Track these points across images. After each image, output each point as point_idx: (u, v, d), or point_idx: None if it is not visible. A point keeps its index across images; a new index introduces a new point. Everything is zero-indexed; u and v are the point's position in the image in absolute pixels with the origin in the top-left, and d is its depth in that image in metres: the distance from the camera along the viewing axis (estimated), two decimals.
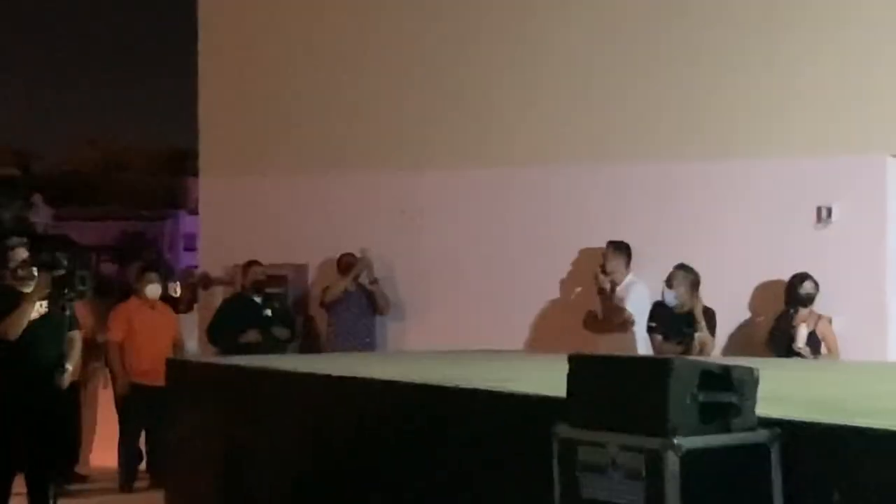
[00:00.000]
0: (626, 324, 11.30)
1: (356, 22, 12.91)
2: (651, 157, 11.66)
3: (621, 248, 11.45)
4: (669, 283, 10.85)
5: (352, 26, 12.94)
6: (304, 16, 13.11)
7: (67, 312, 9.12)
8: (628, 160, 11.73)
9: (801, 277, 10.76)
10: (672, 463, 4.75)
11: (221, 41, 13.33)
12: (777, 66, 11.40)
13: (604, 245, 11.47)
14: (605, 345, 11.01)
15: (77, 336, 9.84)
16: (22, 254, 9.59)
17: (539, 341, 11.83)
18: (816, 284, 10.74)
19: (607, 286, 11.40)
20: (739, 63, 11.50)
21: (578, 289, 11.83)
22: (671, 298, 10.84)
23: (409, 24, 12.72)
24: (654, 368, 5.14)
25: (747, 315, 11.36)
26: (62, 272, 9.19)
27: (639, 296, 11.36)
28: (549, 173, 12.00)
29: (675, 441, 4.75)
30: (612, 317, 11.36)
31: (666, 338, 10.82)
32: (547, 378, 6.61)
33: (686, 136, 11.63)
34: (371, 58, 12.77)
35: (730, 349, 11.11)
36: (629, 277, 11.45)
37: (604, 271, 11.42)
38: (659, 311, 10.95)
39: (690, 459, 4.77)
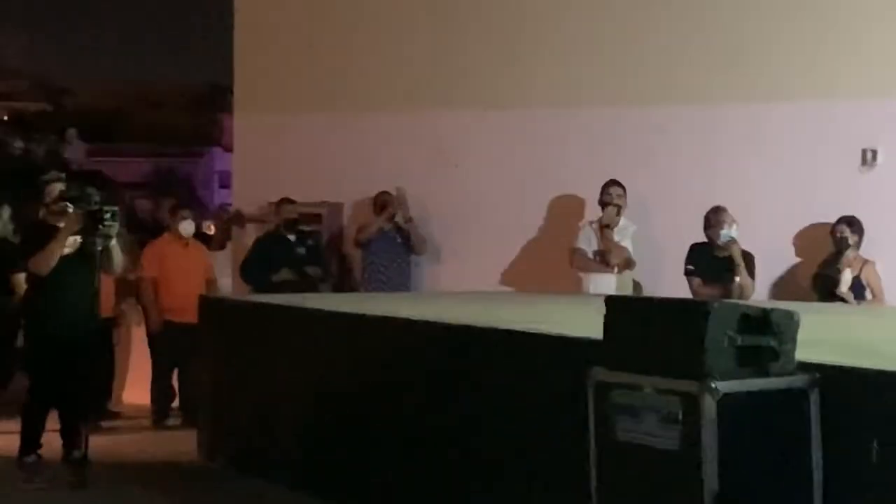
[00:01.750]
0: (629, 263, 11.29)
1: None
2: (693, 99, 11.57)
3: (623, 187, 11.38)
4: (722, 221, 10.74)
5: None
6: None
7: (99, 248, 9.13)
8: (669, 102, 11.64)
9: (839, 220, 10.68)
10: (709, 407, 4.75)
11: None
12: (822, 7, 11.30)
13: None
14: (606, 286, 11.02)
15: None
16: (57, 189, 9.61)
17: (568, 282, 11.80)
18: (857, 227, 10.64)
19: (614, 223, 11.36)
20: (784, 4, 11.41)
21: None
22: (730, 234, 10.71)
23: None
24: (692, 311, 5.12)
25: (791, 259, 11.30)
26: (93, 208, 9.18)
27: (632, 238, 11.38)
28: (584, 114, 11.91)
29: (713, 384, 4.76)
30: (614, 257, 11.29)
31: (704, 281, 10.76)
32: (577, 319, 6.62)
33: (729, 78, 11.50)
34: None
35: (773, 294, 11.05)
36: (624, 220, 11.41)
37: (615, 205, 11.31)
38: (697, 254, 10.88)
39: (728, 403, 4.77)
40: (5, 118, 58.49)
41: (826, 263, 10.73)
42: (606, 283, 11.12)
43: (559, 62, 12.08)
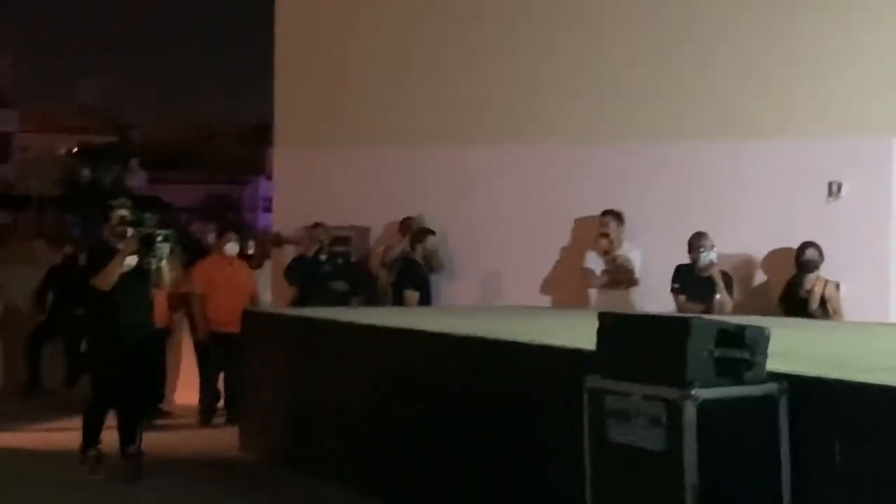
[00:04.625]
0: (632, 282, 11.37)
1: (418, 7, 12.85)
2: (677, 136, 11.58)
3: (619, 217, 11.48)
4: (706, 245, 10.74)
5: (413, 12, 12.86)
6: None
7: (153, 267, 9.14)
8: (656, 140, 11.65)
9: (805, 245, 10.69)
10: (689, 412, 4.76)
11: (296, 24, 13.30)
12: (793, 53, 11.31)
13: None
14: (608, 301, 11.13)
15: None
16: (119, 214, 9.58)
17: (562, 297, 11.81)
18: (820, 252, 10.65)
19: (611, 249, 11.44)
20: (760, 50, 11.41)
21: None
22: (712, 257, 10.72)
23: (462, 10, 12.63)
24: (675, 326, 5.13)
25: (763, 278, 11.30)
26: (148, 231, 9.22)
27: (639, 260, 11.45)
28: (581, 151, 11.94)
29: (693, 392, 4.77)
30: (619, 275, 11.38)
31: (688, 298, 10.75)
32: (572, 332, 6.60)
33: (712, 117, 11.53)
34: (425, 43, 12.72)
35: (745, 308, 11.00)
36: (626, 244, 11.48)
37: (604, 235, 11.43)
38: (682, 274, 10.87)
39: (706, 409, 4.78)
40: (75, 150, 58.70)
41: (791, 282, 10.73)
42: (610, 300, 11.21)
43: (557, 104, 12.09)
